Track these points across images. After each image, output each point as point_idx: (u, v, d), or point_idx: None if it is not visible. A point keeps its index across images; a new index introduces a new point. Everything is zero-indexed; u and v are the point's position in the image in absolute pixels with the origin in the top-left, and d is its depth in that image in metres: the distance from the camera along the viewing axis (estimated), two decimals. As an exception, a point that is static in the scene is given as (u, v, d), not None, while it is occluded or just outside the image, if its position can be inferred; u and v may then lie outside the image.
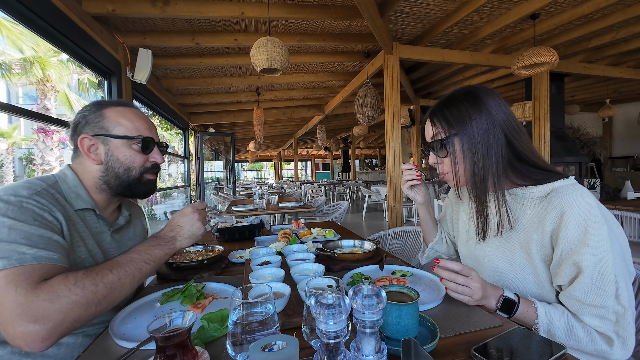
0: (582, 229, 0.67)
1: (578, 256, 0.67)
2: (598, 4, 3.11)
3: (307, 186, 10.50)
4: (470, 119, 0.77)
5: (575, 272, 0.68)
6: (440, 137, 0.82)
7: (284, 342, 0.45)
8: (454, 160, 0.81)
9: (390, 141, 3.76)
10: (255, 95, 5.49)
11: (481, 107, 0.77)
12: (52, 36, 2.11)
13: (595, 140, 8.72)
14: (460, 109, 0.78)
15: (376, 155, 19.63)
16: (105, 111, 0.85)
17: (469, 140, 0.77)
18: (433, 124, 0.83)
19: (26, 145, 11.46)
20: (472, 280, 0.70)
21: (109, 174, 0.84)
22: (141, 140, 0.86)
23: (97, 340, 0.66)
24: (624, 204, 2.68)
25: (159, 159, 0.92)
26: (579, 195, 0.70)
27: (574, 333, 0.68)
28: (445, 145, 0.81)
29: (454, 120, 0.79)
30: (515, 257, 0.79)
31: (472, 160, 0.78)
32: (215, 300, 0.83)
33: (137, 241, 1.00)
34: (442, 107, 0.82)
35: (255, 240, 1.55)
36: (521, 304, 0.72)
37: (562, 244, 0.69)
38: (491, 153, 0.76)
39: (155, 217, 7.89)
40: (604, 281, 0.66)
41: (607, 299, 0.65)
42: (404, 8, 3.18)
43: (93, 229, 0.84)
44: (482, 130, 0.76)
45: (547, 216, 0.72)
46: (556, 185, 0.74)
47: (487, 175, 0.77)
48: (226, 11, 2.78)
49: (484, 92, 0.79)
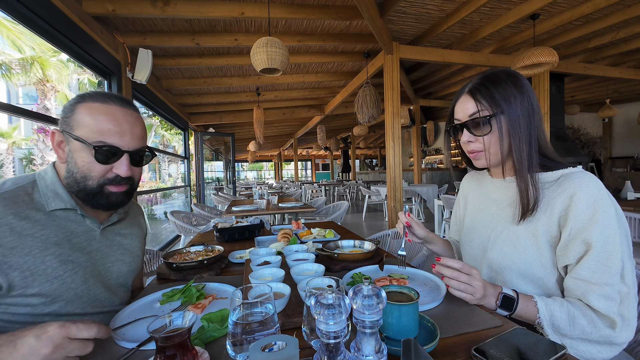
0: (591, 208, 0.69)
1: (587, 233, 0.69)
2: (598, 4, 3.11)
3: (307, 186, 10.50)
4: (516, 99, 0.78)
5: (584, 250, 0.70)
6: (484, 114, 0.81)
7: (284, 342, 0.45)
8: (499, 138, 0.80)
9: (390, 141, 3.76)
10: (255, 95, 5.49)
11: (523, 90, 0.79)
12: (52, 36, 2.11)
13: (595, 141, 8.71)
14: (505, 89, 0.79)
15: (376, 156, 19.62)
16: (79, 105, 0.76)
17: (514, 119, 0.78)
18: (477, 101, 0.81)
19: (26, 145, 11.46)
20: (474, 278, 0.71)
21: (70, 177, 0.77)
22: (93, 148, 0.73)
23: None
24: (624, 204, 2.68)
25: (121, 171, 0.78)
26: (588, 179, 0.73)
27: (577, 322, 0.68)
28: (490, 123, 0.80)
29: (501, 98, 0.79)
30: (520, 239, 0.80)
31: (517, 139, 0.78)
32: (215, 300, 0.83)
33: (134, 240, 0.97)
34: (486, 85, 0.81)
35: (255, 240, 1.55)
36: (520, 299, 0.72)
37: (571, 222, 0.71)
38: (532, 134, 0.79)
39: (155, 217, 7.88)
40: (610, 258, 0.67)
41: (613, 277, 0.67)
42: (404, 8, 3.18)
43: (76, 231, 0.79)
44: (525, 111, 0.79)
45: (556, 198, 0.75)
46: (565, 172, 0.77)
47: (530, 154, 0.78)
48: (226, 11, 2.78)
49: (523, 77, 0.82)
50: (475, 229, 0.96)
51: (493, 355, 0.53)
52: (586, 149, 8.62)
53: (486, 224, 0.92)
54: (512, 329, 0.61)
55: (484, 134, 0.82)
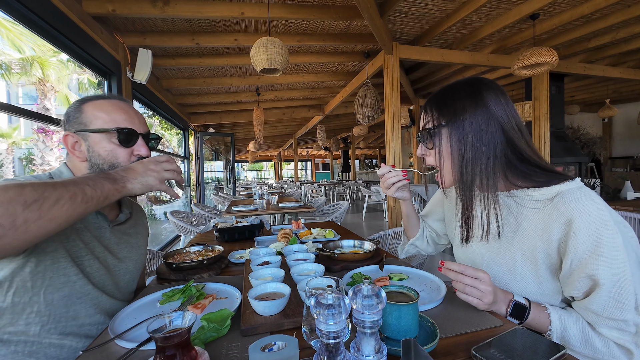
0: (593, 238, 0.62)
1: (593, 268, 0.62)
2: (598, 4, 3.11)
3: (307, 186, 10.50)
4: (464, 111, 0.72)
5: (590, 285, 0.64)
6: (429, 125, 0.78)
7: (284, 342, 0.45)
8: (438, 153, 0.77)
9: (390, 141, 3.76)
10: (255, 95, 5.49)
11: (478, 100, 0.72)
12: (52, 36, 2.11)
13: (595, 141, 8.71)
14: (455, 100, 0.74)
15: (376, 156, 19.62)
16: (84, 106, 0.82)
17: (458, 133, 0.73)
18: (425, 111, 0.80)
19: (26, 146, 11.45)
20: (481, 282, 0.67)
21: (94, 171, 0.81)
22: (117, 131, 0.81)
23: (97, 340, 0.66)
24: (624, 204, 2.68)
25: (143, 152, 0.86)
26: (587, 200, 0.65)
27: (590, 343, 0.64)
28: (432, 136, 0.77)
29: (447, 110, 0.75)
30: (516, 265, 0.74)
31: (460, 155, 0.73)
32: (215, 300, 0.83)
33: (139, 239, 1.00)
34: (438, 95, 0.79)
35: (255, 240, 1.55)
36: (533, 309, 0.68)
37: (571, 254, 0.65)
38: (481, 150, 0.71)
39: (155, 217, 7.87)
40: (622, 294, 0.61)
41: (627, 313, 0.61)
42: (404, 8, 3.18)
43: (91, 224, 0.83)
44: (474, 125, 0.72)
45: (553, 223, 0.68)
46: (562, 189, 0.69)
47: (475, 173, 0.72)
48: (226, 11, 2.78)
49: (487, 85, 0.75)
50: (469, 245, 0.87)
51: (493, 355, 0.53)
52: (586, 149, 8.62)
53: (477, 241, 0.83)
54: (512, 329, 0.61)
55: (429, 147, 0.79)
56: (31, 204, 0.51)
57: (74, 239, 0.77)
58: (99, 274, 0.81)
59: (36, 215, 0.51)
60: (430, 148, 0.79)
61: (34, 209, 0.51)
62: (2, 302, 0.67)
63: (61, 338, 0.73)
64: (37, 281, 0.69)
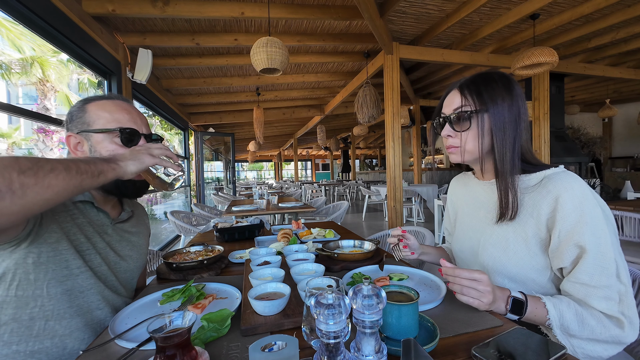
0: (578, 209, 0.70)
1: (579, 237, 0.69)
2: (598, 4, 3.11)
3: (307, 186, 10.50)
4: (504, 101, 0.79)
5: (578, 253, 0.70)
6: (467, 109, 0.81)
7: (284, 342, 0.45)
8: (479, 136, 0.80)
9: (390, 141, 3.76)
10: (255, 95, 5.49)
11: (513, 94, 0.79)
12: (52, 36, 2.11)
13: (595, 141, 8.71)
14: (494, 88, 0.80)
15: (376, 156, 19.62)
16: (87, 106, 0.83)
17: (499, 120, 0.78)
18: (464, 95, 0.82)
19: (26, 146, 11.45)
20: (479, 282, 0.69)
21: None
22: (119, 131, 0.82)
23: (97, 340, 0.66)
24: (624, 204, 2.68)
25: None
26: (571, 179, 0.73)
27: (586, 322, 0.68)
28: (470, 119, 0.81)
29: (488, 97, 0.79)
30: (509, 242, 0.80)
31: (500, 141, 0.79)
32: (215, 300, 0.83)
33: (140, 238, 1.00)
34: (477, 82, 0.82)
35: (255, 240, 1.55)
36: (529, 301, 0.71)
37: (559, 225, 0.71)
38: (516, 140, 0.79)
39: (155, 217, 7.87)
40: (605, 259, 0.67)
41: (610, 278, 0.67)
42: (404, 8, 3.18)
43: (93, 220, 0.84)
44: (511, 115, 0.79)
45: (541, 201, 0.75)
46: (547, 173, 0.78)
47: (507, 158, 0.78)
48: (226, 11, 2.78)
49: (516, 83, 0.82)
50: (466, 234, 0.96)
51: (493, 355, 0.53)
52: (586, 149, 8.63)
53: (476, 228, 0.91)
54: (512, 329, 0.61)
55: (463, 129, 0.83)
56: (26, 170, 0.52)
57: (77, 232, 0.77)
58: (100, 269, 0.81)
59: (32, 180, 0.52)
60: (462, 130, 0.83)
61: (30, 174, 0.52)
62: (6, 295, 0.67)
63: (63, 338, 0.72)
64: (39, 273, 0.69)
